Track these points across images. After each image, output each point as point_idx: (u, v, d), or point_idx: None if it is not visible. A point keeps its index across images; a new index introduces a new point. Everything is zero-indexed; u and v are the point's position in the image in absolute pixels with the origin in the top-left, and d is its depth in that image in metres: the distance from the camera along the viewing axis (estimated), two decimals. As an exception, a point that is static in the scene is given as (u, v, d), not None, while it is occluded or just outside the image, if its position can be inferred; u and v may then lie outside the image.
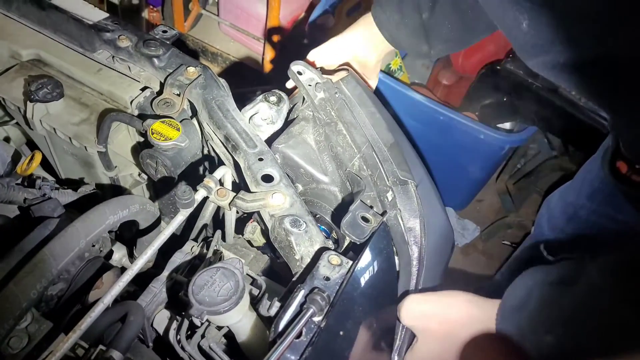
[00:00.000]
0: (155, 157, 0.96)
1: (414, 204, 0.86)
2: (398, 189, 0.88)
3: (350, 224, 0.80)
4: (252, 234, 1.02)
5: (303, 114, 1.04)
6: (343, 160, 0.95)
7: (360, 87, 1.01)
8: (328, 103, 0.99)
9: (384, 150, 0.92)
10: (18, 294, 0.68)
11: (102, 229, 0.80)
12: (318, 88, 1.01)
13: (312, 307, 0.68)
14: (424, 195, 0.89)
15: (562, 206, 1.40)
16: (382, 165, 0.90)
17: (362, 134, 0.94)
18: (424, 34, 1.02)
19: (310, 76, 1.02)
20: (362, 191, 0.88)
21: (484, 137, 1.84)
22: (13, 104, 1.06)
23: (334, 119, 0.97)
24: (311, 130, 1.02)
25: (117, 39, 1.08)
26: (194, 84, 1.03)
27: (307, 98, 1.01)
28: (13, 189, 0.93)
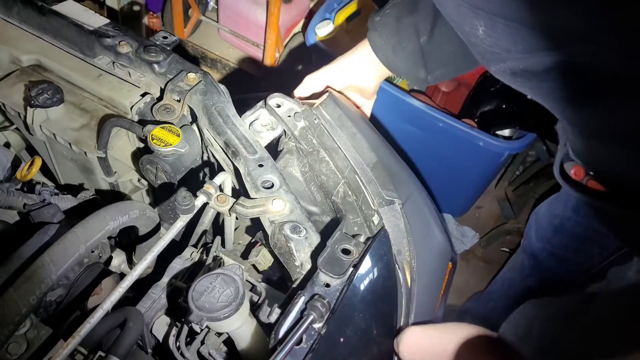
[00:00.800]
0: (155, 163, 0.96)
1: (401, 224, 0.84)
2: (384, 210, 0.85)
3: (328, 260, 0.75)
4: (255, 256, 1.01)
5: (287, 147, 1.02)
6: (328, 188, 0.93)
7: (340, 109, 0.99)
8: (309, 131, 0.98)
9: (368, 172, 0.89)
10: (17, 299, 0.68)
11: (102, 234, 0.80)
12: (297, 117, 1.00)
13: (313, 314, 0.68)
14: (413, 211, 0.87)
15: (549, 218, 1.42)
16: (367, 187, 0.88)
17: (343, 158, 0.92)
18: (421, 59, 1.00)
19: (288, 107, 1.01)
20: (342, 220, 0.85)
21: (482, 143, 1.84)
22: (13, 110, 1.06)
23: (315, 147, 0.96)
24: (296, 162, 1.01)
25: (117, 44, 1.08)
26: (194, 90, 1.03)
27: (288, 130, 1.00)
28: (13, 194, 0.93)
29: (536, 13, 0.54)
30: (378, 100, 1.91)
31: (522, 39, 0.59)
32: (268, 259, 1.00)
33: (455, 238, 2.33)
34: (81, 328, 0.73)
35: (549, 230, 1.43)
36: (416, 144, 2.02)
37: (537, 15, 0.54)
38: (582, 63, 0.55)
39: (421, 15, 0.96)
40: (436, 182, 2.16)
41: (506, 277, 1.88)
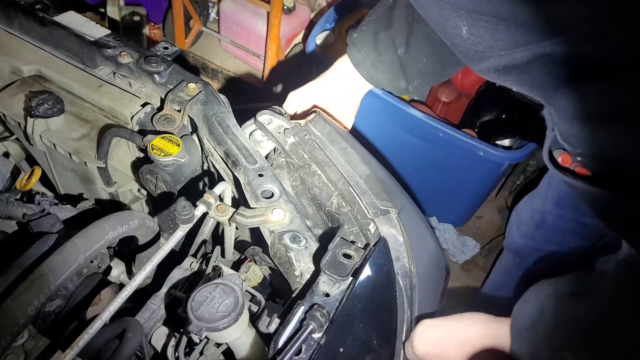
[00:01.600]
0: (155, 173, 0.96)
1: (398, 233, 0.85)
2: (380, 219, 0.86)
3: (331, 263, 0.76)
4: (245, 272, 1.00)
5: (277, 162, 1.03)
6: (321, 200, 0.93)
7: (329, 126, 1.00)
8: (299, 146, 0.99)
9: (361, 183, 0.90)
10: (15, 310, 0.68)
11: (101, 244, 0.80)
12: (287, 133, 1.00)
13: (312, 324, 0.67)
14: (407, 221, 0.87)
15: (530, 213, 1.45)
16: (361, 198, 0.88)
17: (336, 171, 0.93)
18: (400, 70, 1.02)
19: (278, 124, 1.02)
20: (341, 227, 0.85)
21: (483, 153, 1.84)
22: (14, 120, 1.06)
23: (307, 161, 0.97)
24: (286, 176, 1.01)
25: (118, 55, 1.08)
26: (195, 100, 1.03)
27: (278, 145, 1.00)
28: (12, 204, 0.93)
29: (515, 8, 0.56)
30: (378, 110, 1.92)
31: (504, 35, 0.61)
32: (258, 275, 1.00)
33: (456, 248, 2.33)
34: (79, 339, 0.72)
35: (530, 225, 1.45)
36: (416, 154, 2.02)
37: (517, 10, 0.56)
38: (562, 52, 0.57)
39: (396, 29, 0.99)
40: (436, 192, 2.16)
41: (494, 280, 1.89)
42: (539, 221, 1.40)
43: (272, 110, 1.04)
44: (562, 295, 0.65)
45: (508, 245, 1.63)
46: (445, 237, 2.32)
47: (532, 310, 0.66)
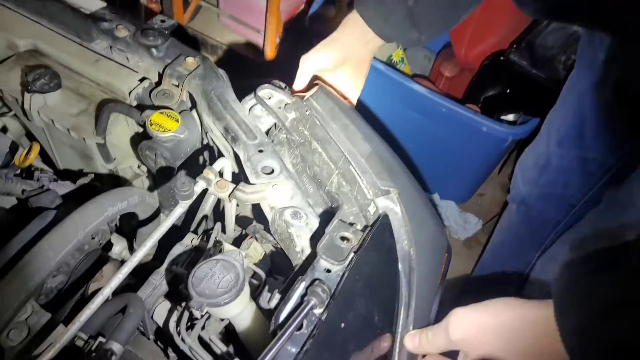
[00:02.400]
0: (154, 149, 0.95)
1: (398, 213, 0.84)
2: (380, 200, 0.84)
3: (327, 247, 0.75)
4: (246, 249, 1.00)
5: (277, 139, 1.01)
6: (321, 179, 0.92)
7: (331, 101, 0.98)
8: (300, 123, 0.97)
9: (362, 162, 0.88)
10: (16, 285, 0.68)
11: (101, 220, 0.79)
12: (288, 109, 0.98)
13: (313, 299, 0.67)
14: (409, 201, 0.86)
15: (534, 159, 1.48)
16: (361, 177, 0.86)
17: (337, 149, 0.91)
18: (411, 21, 1.00)
19: (279, 98, 1.00)
20: (339, 209, 0.84)
21: (486, 129, 1.83)
22: (10, 95, 1.05)
23: (307, 139, 0.95)
24: (287, 153, 0.99)
25: (114, 28, 1.06)
26: (193, 74, 1.02)
27: (278, 122, 0.98)
28: (11, 180, 0.92)
29: None
30: (380, 85, 1.90)
31: None
32: (259, 252, 0.99)
33: (458, 225, 2.32)
34: (81, 314, 0.73)
35: (535, 171, 1.47)
36: (419, 130, 2.01)
37: None
38: None
39: None
40: (439, 169, 2.15)
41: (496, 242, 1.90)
42: (543, 165, 1.43)
43: (272, 84, 1.02)
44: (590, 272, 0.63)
45: (513, 197, 1.64)
46: (447, 214, 2.32)
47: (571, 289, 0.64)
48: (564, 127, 1.26)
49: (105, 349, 0.73)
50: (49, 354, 0.69)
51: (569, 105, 1.27)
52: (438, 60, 2.34)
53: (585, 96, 1.17)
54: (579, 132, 1.24)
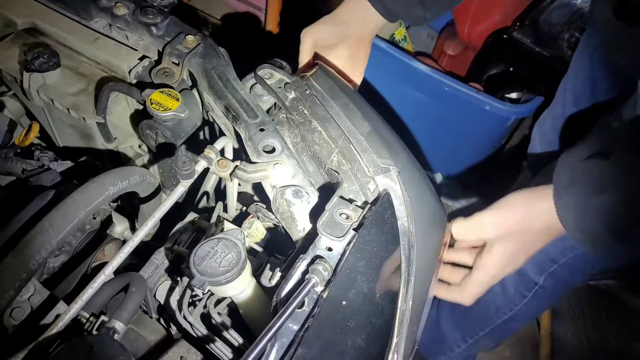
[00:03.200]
0: (155, 128, 0.94)
1: (398, 191, 0.84)
2: (380, 178, 0.84)
3: (327, 223, 0.75)
4: (248, 229, 1.00)
5: (277, 119, 1.00)
6: (321, 157, 0.91)
7: (331, 80, 0.97)
8: (300, 102, 0.96)
9: (362, 141, 0.88)
10: (17, 264, 0.68)
11: (102, 200, 0.79)
12: (288, 88, 0.98)
13: (315, 277, 0.67)
14: (409, 179, 0.86)
15: (551, 122, 1.47)
16: (361, 156, 0.86)
17: (337, 128, 0.91)
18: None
19: (278, 78, 0.99)
20: (339, 186, 0.84)
21: (489, 108, 1.81)
22: (9, 74, 1.04)
23: (307, 118, 0.94)
24: (287, 133, 0.99)
25: (113, 6, 1.05)
26: (193, 52, 1.01)
27: (278, 101, 0.98)
28: (11, 160, 0.92)
29: None
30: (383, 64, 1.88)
31: None
32: (260, 231, 0.99)
33: (460, 204, 2.32)
34: (83, 293, 0.73)
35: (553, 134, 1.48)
36: (421, 108, 1.99)
37: None
38: None
39: None
40: (441, 148, 2.14)
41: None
42: (560, 126, 1.43)
43: (272, 63, 1.01)
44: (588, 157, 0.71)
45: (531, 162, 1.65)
46: (449, 193, 2.31)
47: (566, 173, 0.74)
48: (579, 86, 1.28)
49: (108, 327, 0.73)
50: (51, 332, 0.69)
51: (581, 65, 1.29)
52: (441, 38, 2.31)
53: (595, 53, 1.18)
54: (593, 89, 1.25)
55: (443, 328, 1.70)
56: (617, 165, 0.67)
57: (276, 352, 0.62)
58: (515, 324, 1.53)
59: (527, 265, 1.38)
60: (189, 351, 0.81)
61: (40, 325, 0.74)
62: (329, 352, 0.63)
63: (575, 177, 0.72)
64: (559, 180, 0.75)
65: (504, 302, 1.47)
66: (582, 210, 0.72)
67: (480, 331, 1.59)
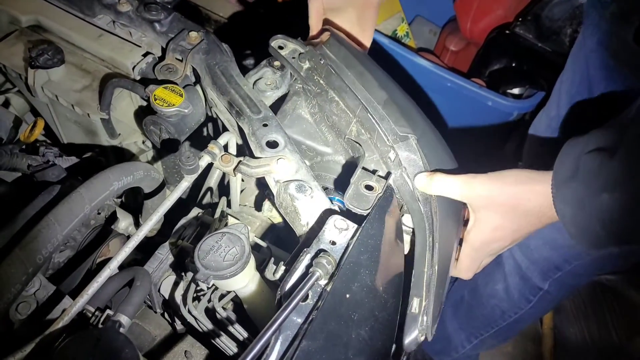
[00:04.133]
0: (159, 124, 0.95)
1: (417, 159, 0.85)
2: (399, 145, 0.85)
3: (354, 196, 0.78)
4: (270, 212, 1.01)
5: (293, 89, 1.02)
6: (340, 127, 0.93)
7: (345, 48, 0.98)
8: (315, 72, 0.97)
9: (379, 109, 0.89)
10: (23, 259, 0.68)
11: (107, 195, 0.80)
12: (302, 58, 0.98)
13: (319, 271, 0.68)
14: (427, 147, 0.87)
15: (547, 122, 1.45)
16: (380, 125, 0.87)
17: (354, 97, 0.91)
18: None
19: (292, 48, 1.00)
20: (361, 157, 0.86)
21: (491, 103, 1.81)
22: (14, 71, 1.05)
23: (324, 88, 0.95)
24: (304, 103, 1.00)
25: (117, 3, 1.05)
26: (197, 49, 1.01)
27: (293, 72, 0.99)
28: (16, 156, 0.93)
29: None
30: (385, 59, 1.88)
31: None
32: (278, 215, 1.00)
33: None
34: (89, 287, 0.73)
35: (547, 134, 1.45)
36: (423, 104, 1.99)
37: None
38: None
39: None
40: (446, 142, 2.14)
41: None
42: (556, 127, 1.42)
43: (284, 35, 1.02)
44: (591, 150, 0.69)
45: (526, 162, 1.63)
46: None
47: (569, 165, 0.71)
48: (574, 87, 1.27)
49: (113, 321, 0.74)
50: (57, 326, 0.70)
51: (577, 66, 1.27)
52: (443, 34, 2.31)
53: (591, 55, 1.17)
54: (589, 91, 1.24)
55: (448, 328, 1.71)
56: (623, 165, 0.65)
57: (280, 345, 0.63)
58: (520, 325, 1.53)
59: (531, 272, 1.37)
60: (194, 345, 0.82)
61: (46, 319, 0.74)
62: (333, 344, 0.63)
63: (579, 170, 0.70)
64: (561, 170, 0.73)
65: (509, 306, 1.47)
66: (581, 206, 0.70)
67: (485, 332, 1.59)
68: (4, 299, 0.67)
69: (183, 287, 0.88)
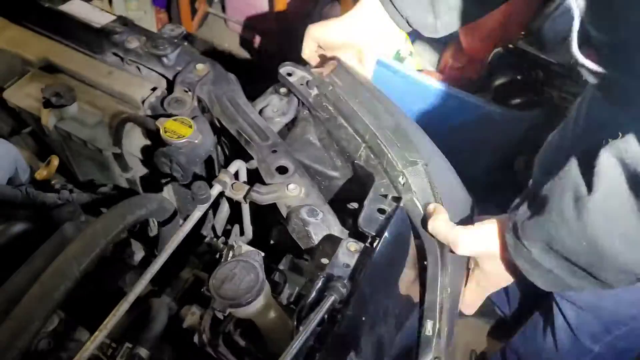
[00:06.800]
0: (170, 156, 0.96)
1: (426, 183, 0.86)
2: (409, 171, 0.87)
3: (367, 219, 0.79)
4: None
5: (302, 115, 1.03)
6: (350, 153, 0.94)
7: (352, 76, 1.00)
8: (323, 98, 0.98)
9: (388, 135, 0.91)
10: (42, 296, 0.69)
11: (121, 228, 0.81)
12: (310, 85, 1.00)
13: (334, 295, 0.68)
14: (437, 172, 0.88)
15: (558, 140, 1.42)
16: (389, 150, 0.89)
17: (363, 123, 0.93)
18: (430, 4, 0.98)
19: (300, 75, 1.02)
20: (373, 182, 0.87)
21: (498, 117, 1.82)
22: (27, 112, 1.07)
23: (332, 114, 0.97)
24: (312, 129, 1.01)
25: (125, 40, 1.08)
26: (204, 80, 1.03)
27: (302, 98, 1.01)
28: (32, 194, 0.94)
29: None
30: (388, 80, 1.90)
31: None
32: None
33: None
34: (107, 321, 0.74)
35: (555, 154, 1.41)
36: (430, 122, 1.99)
37: None
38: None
39: None
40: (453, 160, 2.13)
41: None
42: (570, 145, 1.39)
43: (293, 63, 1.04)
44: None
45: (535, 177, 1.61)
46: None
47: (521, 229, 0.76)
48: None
49: (132, 355, 0.74)
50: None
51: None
52: (446, 52, 2.32)
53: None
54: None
55: None
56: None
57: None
58: None
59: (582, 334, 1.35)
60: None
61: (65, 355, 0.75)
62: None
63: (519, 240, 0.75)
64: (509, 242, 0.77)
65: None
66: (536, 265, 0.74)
67: None
68: (24, 337, 0.67)
69: (199, 316, 0.88)
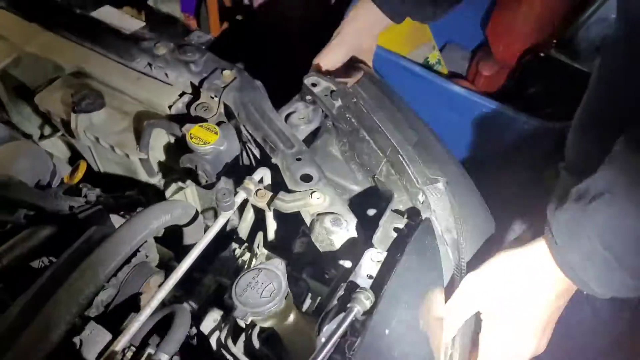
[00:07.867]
0: (195, 162, 0.97)
1: (446, 202, 0.83)
2: (429, 189, 0.84)
3: (382, 239, 0.77)
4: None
5: (324, 126, 1.03)
6: (370, 167, 0.93)
7: (376, 87, 0.99)
8: (347, 110, 0.98)
9: (410, 151, 0.89)
10: (68, 300, 0.70)
11: (146, 234, 0.81)
12: (335, 96, 1.00)
13: (357, 306, 0.67)
14: (457, 191, 0.86)
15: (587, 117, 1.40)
16: (410, 166, 0.87)
17: (385, 138, 0.92)
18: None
19: (325, 86, 1.02)
20: (391, 199, 0.85)
21: (527, 126, 1.78)
22: (58, 116, 1.09)
23: (355, 127, 0.96)
24: (334, 141, 1.01)
25: (153, 47, 1.10)
26: (230, 86, 1.03)
27: (325, 110, 1.00)
28: (60, 198, 0.96)
29: None
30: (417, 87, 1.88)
31: None
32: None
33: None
34: (131, 326, 0.74)
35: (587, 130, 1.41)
36: (458, 130, 1.97)
37: None
38: None
39: None
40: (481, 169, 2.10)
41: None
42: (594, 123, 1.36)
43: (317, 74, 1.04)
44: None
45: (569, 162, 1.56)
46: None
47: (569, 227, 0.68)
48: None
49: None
50: (101, 365, 0.71)
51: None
52: (476, 59, 2.30)
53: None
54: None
55: None
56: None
57: (320, 384, 0.62)
58: None
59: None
60: (234, 382, 0.81)
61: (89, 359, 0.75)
62: (373, 382, 0.62)
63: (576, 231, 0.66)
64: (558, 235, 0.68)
65: None
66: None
67: None
68: (50, 339, 0.68)
69: (221, 323, 0.88)
